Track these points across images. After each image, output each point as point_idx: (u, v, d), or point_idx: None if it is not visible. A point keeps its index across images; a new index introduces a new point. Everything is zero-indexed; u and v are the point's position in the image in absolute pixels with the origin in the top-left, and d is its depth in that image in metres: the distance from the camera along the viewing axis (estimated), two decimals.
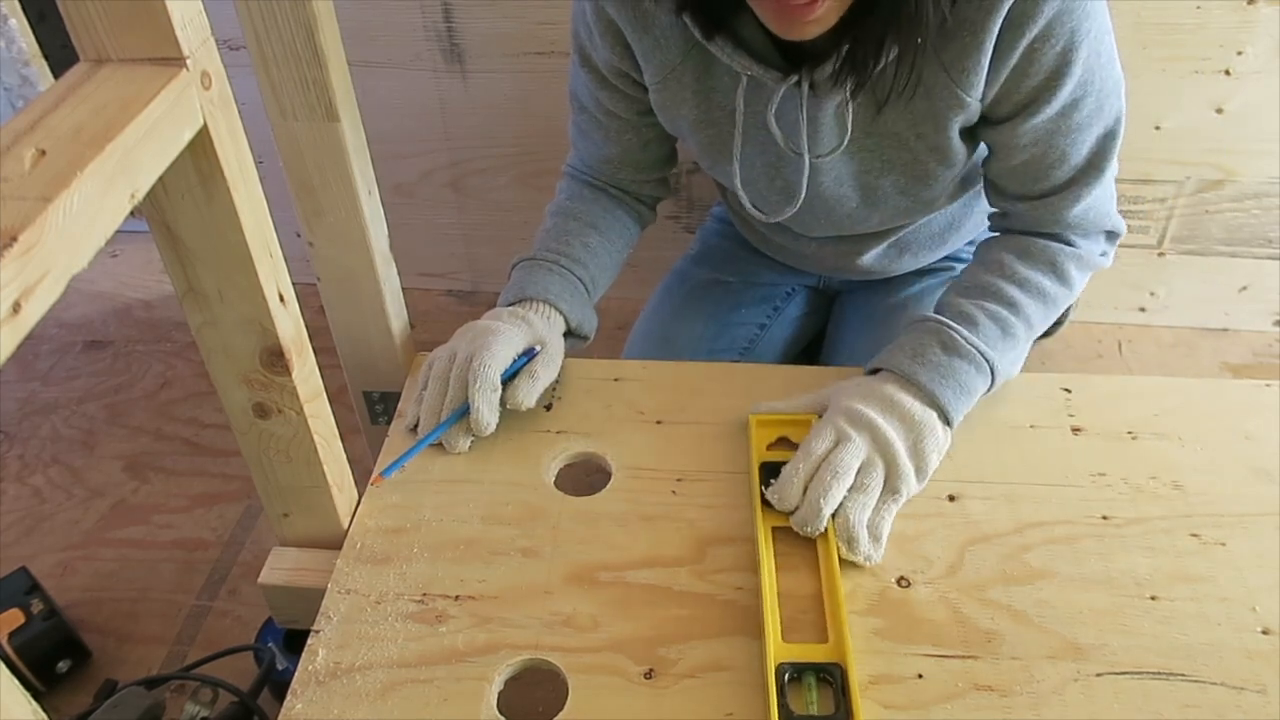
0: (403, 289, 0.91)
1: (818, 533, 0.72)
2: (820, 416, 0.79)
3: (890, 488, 0.74)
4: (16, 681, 0.43)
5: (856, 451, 0.74)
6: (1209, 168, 1.36)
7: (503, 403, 0.81)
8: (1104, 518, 0.76)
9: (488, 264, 1.65)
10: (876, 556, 0.72)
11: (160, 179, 0.55)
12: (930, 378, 0.77)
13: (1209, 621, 0.69)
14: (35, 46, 1.58)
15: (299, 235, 0.83)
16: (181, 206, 0.60)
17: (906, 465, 0.75)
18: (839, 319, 1.12)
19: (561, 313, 0.88)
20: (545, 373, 0.83)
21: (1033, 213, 0.83)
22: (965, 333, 0.79)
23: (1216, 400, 0.86)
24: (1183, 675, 0.66)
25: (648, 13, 0.80)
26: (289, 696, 0.67)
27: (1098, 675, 0.66)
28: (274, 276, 0.65)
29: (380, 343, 0.90)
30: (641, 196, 0.99)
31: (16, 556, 1.21)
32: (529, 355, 0.83)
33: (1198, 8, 1.20)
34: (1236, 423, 0.84)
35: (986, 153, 0.84)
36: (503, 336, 0.82)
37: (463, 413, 0.81)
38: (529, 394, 0.81)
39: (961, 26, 0.72)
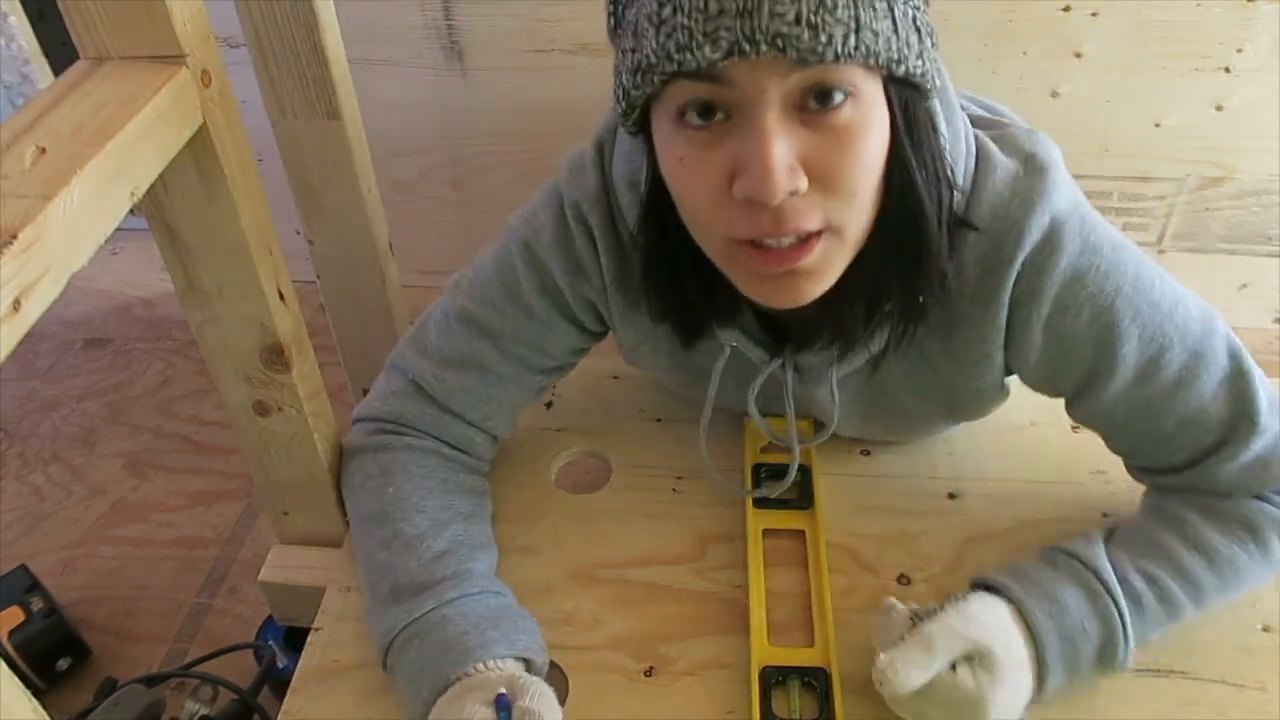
0: (403, 286, 0.91)
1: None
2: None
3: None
4: (17, 679, 0.43)
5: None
6: (1209, 165, 1.36)
7: None
8: (1104, 515, 0.76)
9: None
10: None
11: (160, 176, 0.55)
12: (1070, 679, 0.63)
13: (1209, 619, 0.69)
14: (35, 44, 1.58)
15: (299, 233, 0.83)
16: (181, 204, 0.60)
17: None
18: None
19: (500, 662, 0.62)
20: (541, 705, 0.59)
21: (1193, 481, 0.67)
22: (1131, 637, 0.63)
23: None
24: (1183, 672, 0.66)
25: (629, 273, 0.66)
26: (289, 694, 0.67)
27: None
28: (274, 274, 0.65)
29: (380, 340, 0.90)
30: (475, 448, 0.77)
31: (16, 554, 1.21)
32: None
33: (1198, 5, 1.20)
34: None
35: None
36: None
37: None
38: None
39: (960, 320, 0.64)
